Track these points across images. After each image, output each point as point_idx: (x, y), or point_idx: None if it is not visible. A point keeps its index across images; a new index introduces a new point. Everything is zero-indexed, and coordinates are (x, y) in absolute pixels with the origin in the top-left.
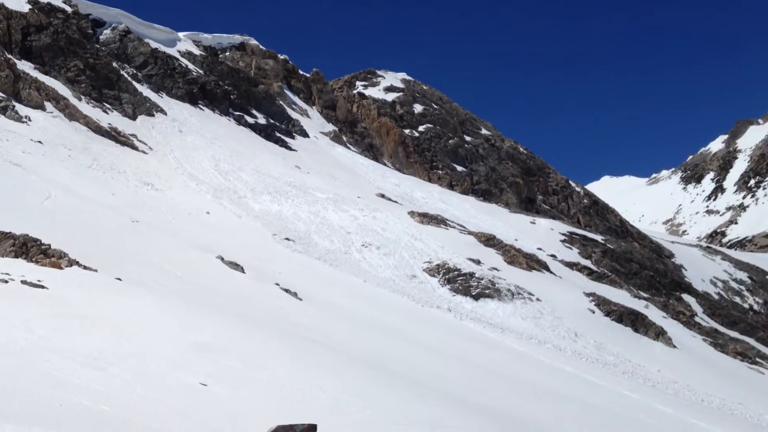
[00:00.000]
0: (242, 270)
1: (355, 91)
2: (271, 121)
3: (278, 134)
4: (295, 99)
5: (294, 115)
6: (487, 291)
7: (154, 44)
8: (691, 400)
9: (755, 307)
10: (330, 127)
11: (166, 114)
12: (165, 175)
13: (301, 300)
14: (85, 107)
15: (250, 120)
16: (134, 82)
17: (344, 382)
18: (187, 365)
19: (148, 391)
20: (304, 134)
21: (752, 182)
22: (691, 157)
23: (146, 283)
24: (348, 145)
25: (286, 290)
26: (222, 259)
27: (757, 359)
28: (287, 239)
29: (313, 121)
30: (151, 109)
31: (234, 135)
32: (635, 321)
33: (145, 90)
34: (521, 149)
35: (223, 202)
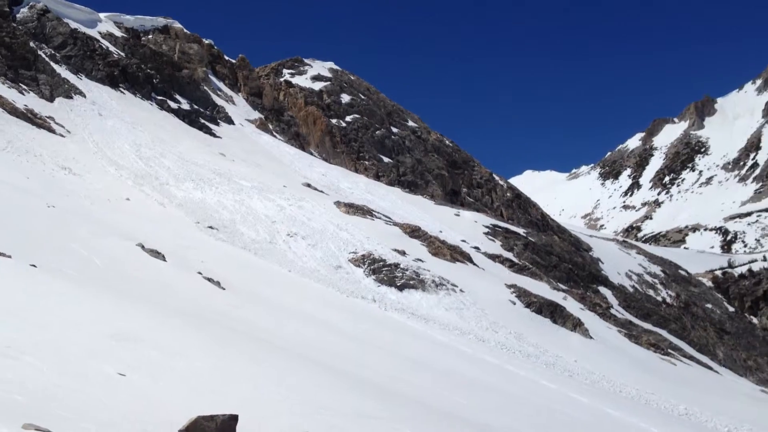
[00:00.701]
0: (163, 258)
1: (281, 79)
2: (195, 106)
3: (202, 120)
4: (220, 85)
5: (219, 101)
6: (411, 282)
7: (73, 24)
8: (607, 390)
9: (668, 299)
10: (256, 115)
11: (85, 96)
12: (83, 160)
13: (224, 289)
14: (0, 88)
15: (173, 105)
16: (52, 63)
17: (266, 371)
18: (105, 354)
19: (63, 381)
20: (230, 121)
21: (667, 179)
22: (609, 153)
23: (63, 270)
24: (274, 133)
25: (209, 279)
26: (142, 246)
27: (669, 350)
28: (211, 227)
29: (239, 108)
30: (70, 92)
31: (156, 120)
32: (554, 312)
33: (63, 71)
34: (447, 142)
35: (144, 189)
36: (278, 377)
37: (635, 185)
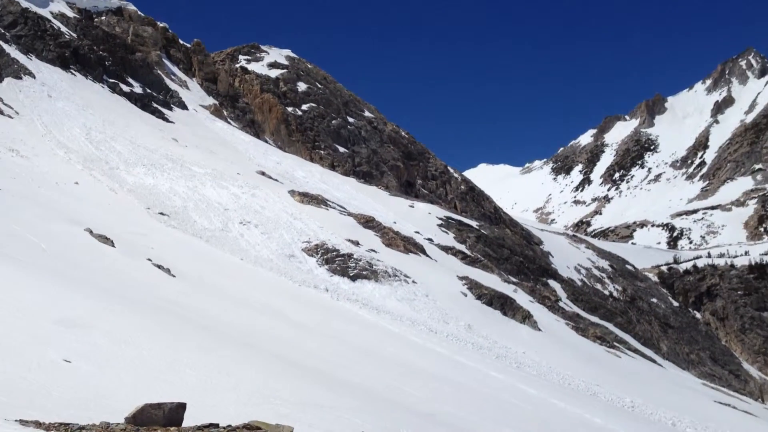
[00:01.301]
0: (112, 244)
1: (237, 65)
2: (148, 90)
3: (155, 105)
4: (174, 69)
5: (172, 85)
6: (364, 272)
7: (24, 3)
8: (554, 382)
9: (615, 293)
10: (210, 101)
11: (34, 77)
12: (31, 142)
13: (174, 276)
14: None
15: (125, 88)
16: (1, 43)
17: (216, 360)
18: (51, 341)
19: (9, 367)
20: (183, 106)
21: (617, 175)
22: (562, 149)
23: (9, 255)
24: (229, 120)
25: (159, 266)
26: (91, 232)
27: (615, 343)
28: (162, 214)
29: (193, 94)
30: (19, 72)
31: (107, 103)
32: (504, 305)
33: (13, 51)
34: (403, 133)
35: (94, 173)
36: (228, 366)
37: (586, 181)
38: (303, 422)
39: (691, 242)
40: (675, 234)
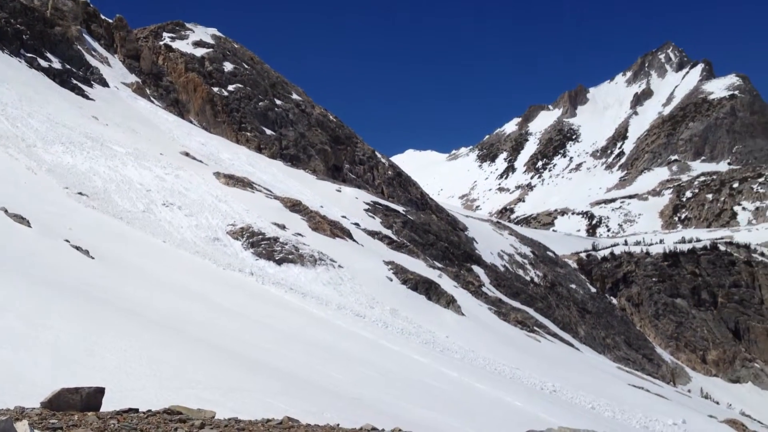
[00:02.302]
0: (28, 224)
1: (161, 43)
2: (68, 66)
3: (75, 81)
4: (95, 45)
5: (93, 62)
6: (290, 256)
7: None
8: (476, 365)
9: (536, 279)
10: (133, 78)
11: None
12: None
13: (93, 258)
14: None
15: (43, 63)
16: None
17: (137, 344)
18: None
19: None
20: (104, 83)
21: (540, 164)
22: (487, 136)
23: None
24: (152, 98)
25: (77, 247)
26: (5, 211)
27: (535, 328)
28: (81, 194)
29: (115, 71)
30: None
31: (25, 79)
32: (429, 289)
33: None
34: (331, 117)
35: (9, 151)
36: (148, 350)
37: (510, 168)
38: (226, 407)
39: (609, 230)
40: (594, 222)
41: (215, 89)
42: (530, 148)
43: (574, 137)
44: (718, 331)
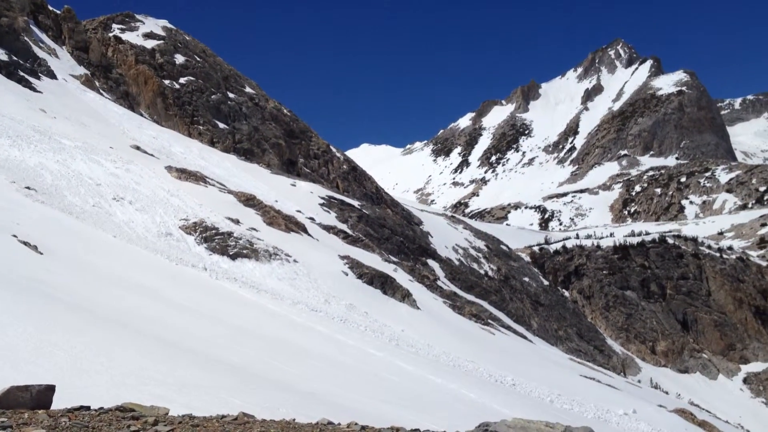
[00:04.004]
0: None
1: (110, 34)
2: (14, 58)
3: (21, 73)
4: (43, 37)
5: (41, 53)
6: (244, 251)
7: None
8: (430, 358)
9: (490, 273)
10: (81, 71)
11: None
12: None
13: (41, 254)
14: None
15: None
16: None
17: (87, 341)
18: None
19: None
20: (52, 75)
21: (493, 158)
22: (442, 131)
23: None
24: (101, 91)
25: (25, 243)
26: None
27: (489, 320)
28: (28, 188)
29: (63, 63)
30: None
31: None
32: (384, 284)
33: None
34: (285, 111)
35: None
36: (99, 347)
37: (464, 163)
38: (179, 403)
39: (561, 224)
40: (546, 216)
41: (166, 82)
42: (484, 142)
43: (526, 132)
44: (666, 323)
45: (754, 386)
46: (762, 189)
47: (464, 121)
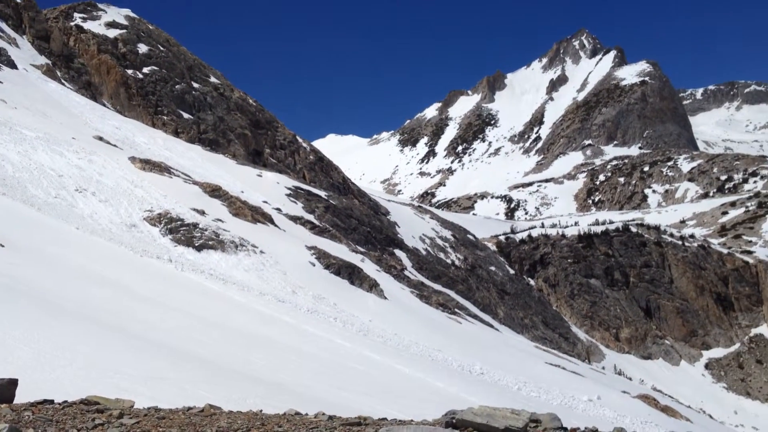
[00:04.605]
0: None
1: (72, 24)
2: None
3: None
4: (3, 26)
5: (1, 43)
6: (210, 242)
7: None
8: (398, 348)
9: (456, 262)
10: (42, 60)
11: None
12: None
13: (3, 246)
14: None
15: None
16: None
17: (51, 334)
18: None
19: None
20: (12, 65)
21: (460, 148)
22: (408, 121)
23: None
24: (63, 81)
25: None
26: None
27: (456, 310)
28: None
29: (23, 52)
30: None
31: None
32: (352, 274)
33: None
34: (251, 101)
35: None
36: (64, 340)
37: (431, 153)
38: (145, 396)
39: (527, 213)
40: (512, 205)
41: (129, 72)
42: (450, 132)
43: (492, 122)
44: (630, 310)
45: (716, 371)
46: (723, 178)
47: (431, 111)
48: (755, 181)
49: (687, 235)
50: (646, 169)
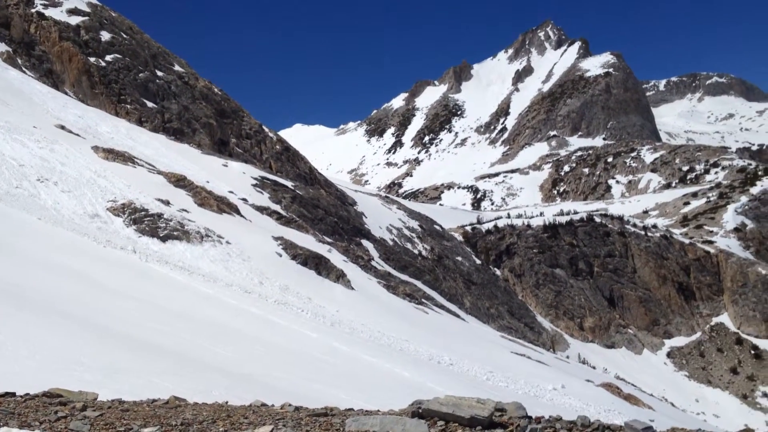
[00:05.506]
0: None
1: (33, 10)
2: None
3: None
4: None
5: None
6: (175, 233)
7: None
8: (365, 338)
9: (423, 252)
10: (2, 48)
11: None
12: None
13: None
14: None
15: None
16: None
17: (12, 326)
18: None
19: None
20: None
21: (426, 139)
22: (375, 111)
23: None
24: (24, 69)
25: None
26: None
27: (423, 300)
28: None
29: None
30: None
31: None
32: (319, 264)
33: None
34: (216, 90)
35: None
36: (25, 333)
37: (398, 143)
38: (109, 388)
39: (493, 203)
40: (479, 196)
41: (92, 59)
42: (417, 123)
43: (459, 113)
44: (594, 299)
45: (677, 360)
46: (685, 168)
47: (397, 102)
48: (716, 172)
49: (650, 226)
50: (609, 159)
